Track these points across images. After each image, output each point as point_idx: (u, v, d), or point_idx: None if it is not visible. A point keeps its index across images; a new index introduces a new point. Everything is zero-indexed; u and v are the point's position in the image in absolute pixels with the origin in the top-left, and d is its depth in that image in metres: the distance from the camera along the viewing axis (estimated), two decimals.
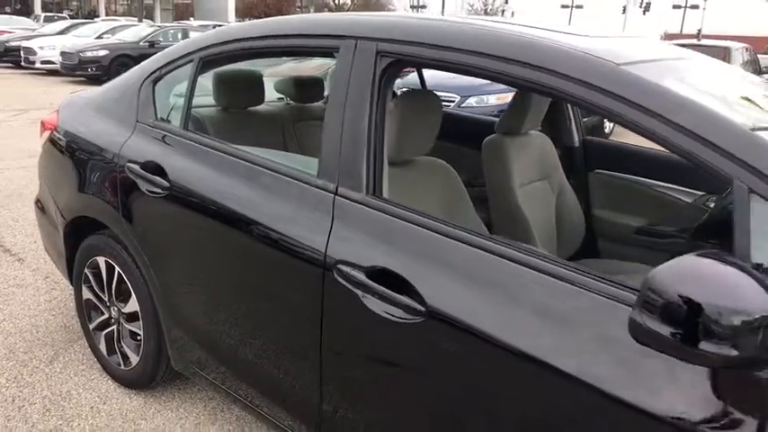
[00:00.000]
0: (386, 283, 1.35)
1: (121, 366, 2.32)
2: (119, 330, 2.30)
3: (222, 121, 2.41)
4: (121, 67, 11.68)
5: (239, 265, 1.73)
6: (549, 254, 1.23)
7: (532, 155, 2.43)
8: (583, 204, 2.61)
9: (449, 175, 2.04)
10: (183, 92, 2.05)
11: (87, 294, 2.41)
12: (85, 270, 2.36)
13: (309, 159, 1.65)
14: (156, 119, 2.09)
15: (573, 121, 2.68)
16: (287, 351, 1.64)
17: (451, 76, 5.87)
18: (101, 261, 2.27)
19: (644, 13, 52.59)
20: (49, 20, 23.33)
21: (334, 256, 1.44)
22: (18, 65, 15.27)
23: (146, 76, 2.16)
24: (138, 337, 2.20)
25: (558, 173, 2.53)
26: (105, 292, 2.30)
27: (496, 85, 5.72)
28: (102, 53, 13.27)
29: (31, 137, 6.59)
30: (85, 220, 2.27)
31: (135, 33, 14.60)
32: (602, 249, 2.57)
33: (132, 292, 2.15)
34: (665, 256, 1.07)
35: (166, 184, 1.88)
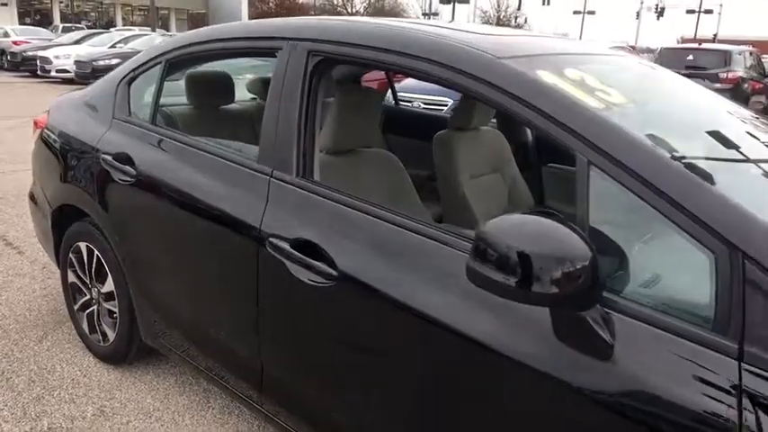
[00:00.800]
0: (307, 252, 1.54)
1: (101, 343, 2.52)
2: (98, 310, 2.51)
3: (196, 119, 2.62)
4: None
5: (193, 245, 1.93)
6: (435, 224, 1.41)
7: (483, 149, 2.60)
8: (536, 196, 2.78)
9: (395, 167, 2.22)
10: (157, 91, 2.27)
11: (72, 278, 2.62)
12: (70, 255, 2.58)
13: (254, 147, 1.84)
14: (130, 115, 2.30)
15: None
16: (234, 321, 1.83)
17: None
18: (82, 246, 2.49)
19: (658, 18, 52.41)
20: (67, 30, 23.94)
21: (267, 231, 1.64)
22: (34, 74, 15.74)
23: (121, 78, 2.38)
24: (115, 315, 2.41)
25: (511, 166, 2.70)
26: (87, 275, 2.52)
27: None
28: (115, 62, 13.65)
29: None
30: (69, 208, 2.49)
31: (146, 42, 15.01)
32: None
33: (109, 274, 2.36)
34: None
35: (134, 173, 2.09)
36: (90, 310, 2.56)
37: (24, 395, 2.32)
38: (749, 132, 1.60)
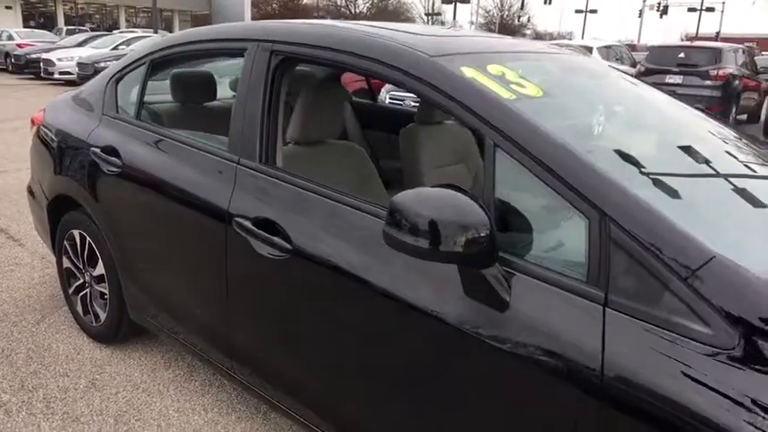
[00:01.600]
0: (267, 230, 1.74)
1: (93, 323, 2.73)
2: (91, 292, 2.72)
3: (180, 115, 2.82)
4: None
5: (172, 227, 2.13)
6: (377, 204, 1.60)
7: (447, 141, 2.79)
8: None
9: (361, 157, 2.42)
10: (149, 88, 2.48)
11: (66, 263, 2.83)
12: (64, 242, 2.79)
13: (226, 138, 2.04)
14: (117, 112, 2.50)
15: None
16: (207, 295, 2.03)
17: None
18: (76, 233, 2.69)
19: (661, 17, 52.47)
20: (70, 33, 24.24)
21: (234, 212, 1.83)
22: (38, 76, 16.01)
23: (110, 77, 2.58)
24: (105, 297, 2.61)
25: (476, 157, 2.89)
26: (80, 260, 2.72)
27: None
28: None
29: None
30: (64, 198, 2.69)
31: (148, 44, 15.23)
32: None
33: (99, 258, 2.57)
34: None
35: (120, 163, 2.29)
36: (83, 292, 2.76)
37: (22, 370, 2.53)
38: (648, 115, 1.81)
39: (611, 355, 1.13)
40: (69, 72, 14.94)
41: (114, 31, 22.09)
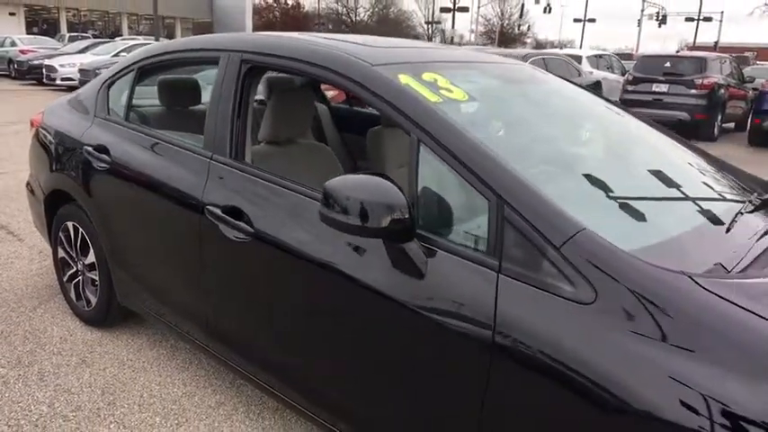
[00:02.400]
0: (234, 216, 1.98)
1: (85, 308, 2.98)
2: (83, 280, 2.96)
3: (166, 117, 3.07)
4: None
5: (154, 217, 2.37)
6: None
7: (408, 142, 3.04)
8: None
9: (327, 157, 2.67)
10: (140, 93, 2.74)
11: (61, 253, 3.08)
12: (59, 233, 3.04)
13: (202, 137, 2.28)
14: (108, 114, 2.76)
15: None
16: (185, 277, 2.27)
17: None
18: (70, 225, 2.94)
19: (659, 26, 52.92)
20: (73, 39, 24.63)
21: (206, 201, 2.08)
22: (40, 82, 16.33)
23: (102, 82, 2.84)
24: (96, 283, 2.86)
25: None
26: (73, 250, 2.97)
27: None
28: None
29: None
30: (59, 193, 2.94)
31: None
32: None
33: (90, 247, 2.82)
34: None
35: (109, 160, 2.54)
36: (76, 280, 3.01)
37: (19, 348, 2.77)
38: (559, 113, 2.07)
39: (501, 313, 1.38)
40: (71, 78, 15.25)
41: (116, 39, 22.43)
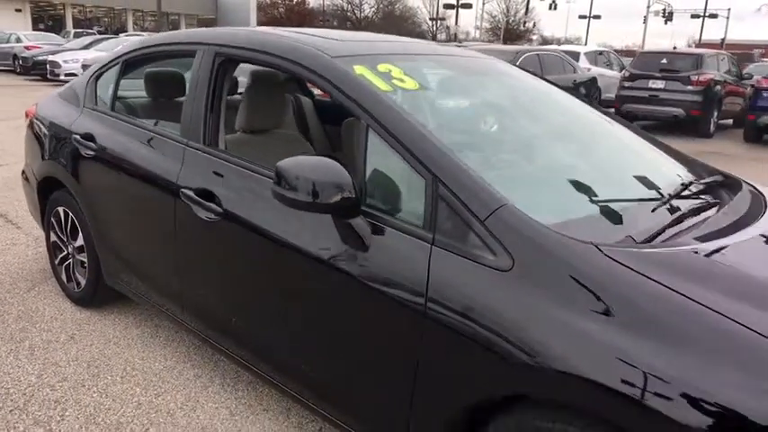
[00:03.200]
0: (206, 198, 2.13)
1: (75, 289, 3.13)
2: (73, 262, 3.12)
3: (151, 107, 3.22)
4: None
5: (136, 200, 2.52)
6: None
7: None
8: None
9: (302, 146, 2.82)
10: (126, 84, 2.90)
11: (53, 237, 3.24)
12: (51, 218, 3.19)
13: (178, 125, 2.43)
14: (96, 104, 2.91)
15: None
16: (162, 257, 2.42)
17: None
18: (61, 210, 3.10)
19: (665, 23, 52.77)
20: (78, 35, 24.83)
21: (181, 184, 2.23)
22: (44, 77, 16.53)
23: (91, 74, 2.99)
24: (85, 265, 3.01)
25: None
26: (64, 234, 3.13)
27: None
28: None
29: None
30: (50, 179, 3.10)
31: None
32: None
33: (79, 231, 2.97)
34: None
35: (95, 146, 2.70)
36: (67, 263, 3.17)
37: (12, 326, 2.93)
38: (507, 101, 2.22)
39: (433, 281, 1.52)
40: (75, 74, 15.41)
41: (120, 35, 22.63)
